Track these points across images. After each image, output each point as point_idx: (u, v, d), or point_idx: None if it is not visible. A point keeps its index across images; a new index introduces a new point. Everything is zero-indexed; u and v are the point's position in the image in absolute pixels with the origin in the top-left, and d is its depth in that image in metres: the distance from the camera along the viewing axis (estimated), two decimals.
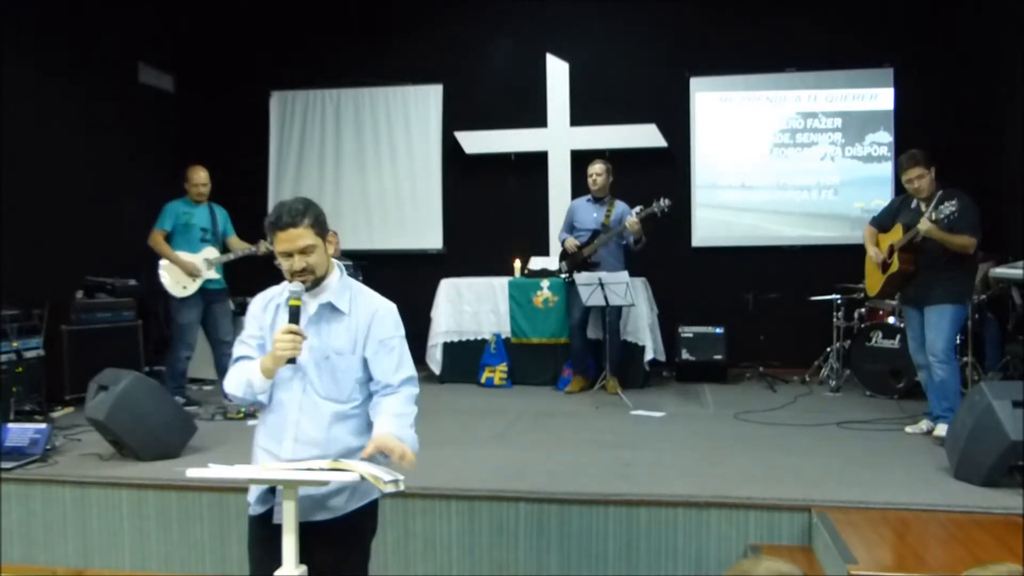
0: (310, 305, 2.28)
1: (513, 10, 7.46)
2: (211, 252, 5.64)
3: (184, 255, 5.56)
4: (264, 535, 2.23)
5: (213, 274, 5.63)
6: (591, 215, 6.20)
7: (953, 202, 4.21)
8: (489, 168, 7.52)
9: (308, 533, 2.17)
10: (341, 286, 2.32)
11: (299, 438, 2.24)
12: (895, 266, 4.51)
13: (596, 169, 6.18)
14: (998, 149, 6.61)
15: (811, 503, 3.29)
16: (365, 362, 2.33)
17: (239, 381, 2.28)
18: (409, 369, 2.36)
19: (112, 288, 6.16)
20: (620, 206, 6.17)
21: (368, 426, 2.32)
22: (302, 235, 2.20)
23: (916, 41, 6.87)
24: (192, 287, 5.57)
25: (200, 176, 5.68)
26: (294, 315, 2.20)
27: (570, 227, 6.30)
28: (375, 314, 2.32)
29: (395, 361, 2.33)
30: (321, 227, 2.25)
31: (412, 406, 2.33)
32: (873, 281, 4.77)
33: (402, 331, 2.37)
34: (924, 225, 4.25)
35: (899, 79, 7.00)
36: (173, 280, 5.56)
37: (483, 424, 5.03)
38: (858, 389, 5.92)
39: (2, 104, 5.59)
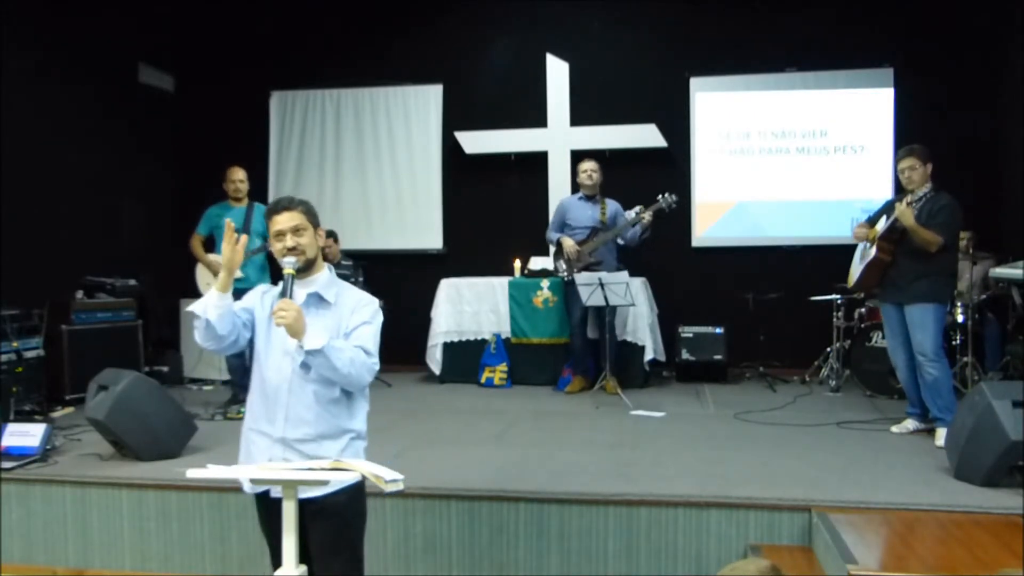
0: (299, 295, 2.48)
1: (513, 10, 7.46)
2: None
3: (213, 257, 5.57)
4: (265, 513, 2.49)
5: (238, 272, 5.53)
6: (587, 213, 6.18)
7: (926, 189, 4.36)
8: (489, 168, 7.52)
9: (303, 510, 2.34)
10: (329, 281, 2.55)
11: (290, 417, 2.45)
12: (872, 253, 4.52)
13: (591, 166, 6.18)
14: (998, 149, 6.61)
15: (811, 503, 3.29)
16: None
17: (199, 303, 2.48)
18: (374, 353, 2.48)
19: (112, 288, 6.16)
20: (612, 204, 6.19)
21: (358, 407, 2.55)
22: (294, 217, 2.48)
23: (916, 41, 6.87)
24: None
25: (235, 174, 5.67)
26: (288, 282, 2.40)
27: (561, 226, 6.27)
28: (359, 302, 2.54)
29: (365, 341, 2.46)
30: (312, 217, 2.53)
31: (354, 351, 2.40)
32: (853, 272, 4.79)
33: (379, 322, 2.54)
34: (899, 208, 4.30)
35: (899, 79, 7.00)
36: (203, 281, 5.66)
37: (483, 424, 5.02)
38: (858, 389, 5.92)
39: (2, 104, 5.59)
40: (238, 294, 2.51)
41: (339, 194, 7.76)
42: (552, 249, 6.40)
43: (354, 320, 2.49)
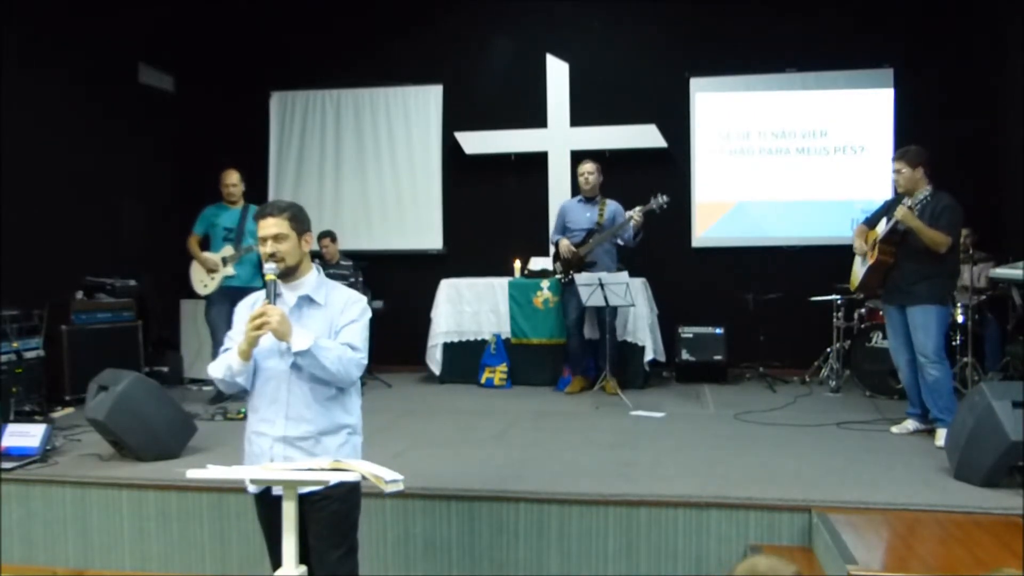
0: (290, 298, 2.58)
1: (513, 10, 7.46)
2: (228, 250, 5.73)
3: (208, 255, 5.73)
4: (265, 511, 2.54)
5: (231, 271, 5.71)
6: (584, 215, 6.19)
7: (926, 191, 4.32)
8: (489, 168, 7.52)
9: (303, 501, 2.41)
10: (318, 282, 2.62)
11: (290, 416, 2.53)
12: (874, 256, 4.52)
13: (588, 168, 6.18)
14: (998, 149, 6.61)
15: (811, 503, 3.29)
16: None
17: (221, 365, 2.57)
18: (360, 348, 2.57)
19: (112, 288, 6.16)
20: (612, 205, 6.18)
21: (351, 402, 2.64)
22: (276, 224, 2.53)
23: (916, 41, 6.87)
24: (212, 285, 5.70)
25: (229, 178, 5.84)
26: (268, 288, 2.50)
27: (563, 228, 6.28)
28: (347, 301, 2.62)
29: (352, 338, 2.56)
30: (298, 224, 2.57)
31: (341, 349, 2.50)
32: (855, 275, 4.79)
33: (366, 319, 2.63)
34: (900, 211, 4.29)
35: (899, 79, 7.00)
36: (197, 279, 5.77)
37: (483, 424, 5.02)
38: (858, 389, 5.92)
39: (2, 104, 5.59)
40: (231, 292, 2.65)
41: (339, 194, 7.76)
42: (553, 251, 6.41)
43: (343, 319, 2.58)
